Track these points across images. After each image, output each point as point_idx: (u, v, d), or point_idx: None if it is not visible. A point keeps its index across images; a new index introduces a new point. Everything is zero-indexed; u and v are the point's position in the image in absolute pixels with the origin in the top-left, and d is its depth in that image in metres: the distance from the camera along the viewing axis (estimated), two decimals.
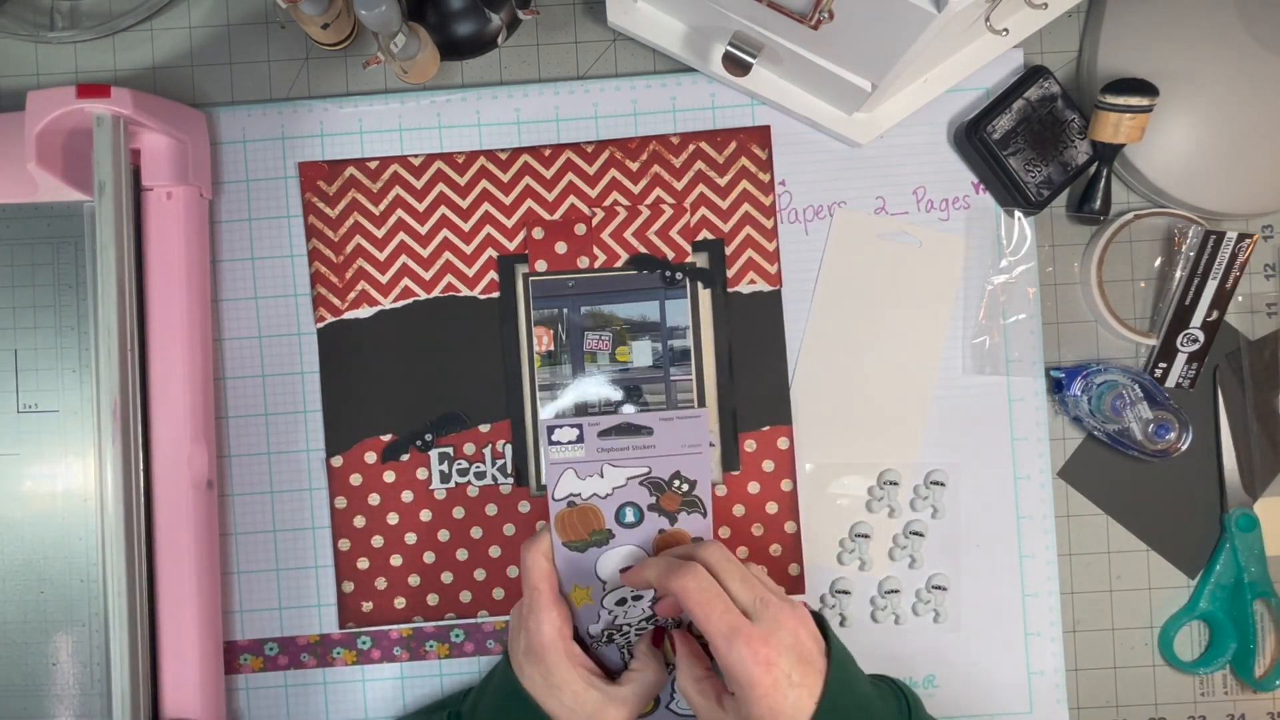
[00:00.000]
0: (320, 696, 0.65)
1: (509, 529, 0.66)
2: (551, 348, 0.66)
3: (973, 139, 0.64)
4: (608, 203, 0.66)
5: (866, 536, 0.65)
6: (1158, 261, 0.66)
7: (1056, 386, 0.65)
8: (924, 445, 0.66)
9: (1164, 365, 0.65)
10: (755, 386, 0.66)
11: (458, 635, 0.66)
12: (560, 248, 0.66)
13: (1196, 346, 0.64)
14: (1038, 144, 0.64)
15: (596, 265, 0.66)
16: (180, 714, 0.60)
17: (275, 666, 0.65)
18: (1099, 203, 0.64)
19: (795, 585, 0.66)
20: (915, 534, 0.65)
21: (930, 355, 0.66)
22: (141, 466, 0.59)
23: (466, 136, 0.66)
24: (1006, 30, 0.55)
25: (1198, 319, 0.64)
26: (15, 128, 0.57)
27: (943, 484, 0.65)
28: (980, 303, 0.66)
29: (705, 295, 0.66)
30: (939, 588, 0.65)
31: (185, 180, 0.62)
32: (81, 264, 0.62)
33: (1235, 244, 0.63)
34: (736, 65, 0.60)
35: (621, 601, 0.59)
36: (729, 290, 0.66)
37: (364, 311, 0.66)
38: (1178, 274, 0.64)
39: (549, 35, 0.67)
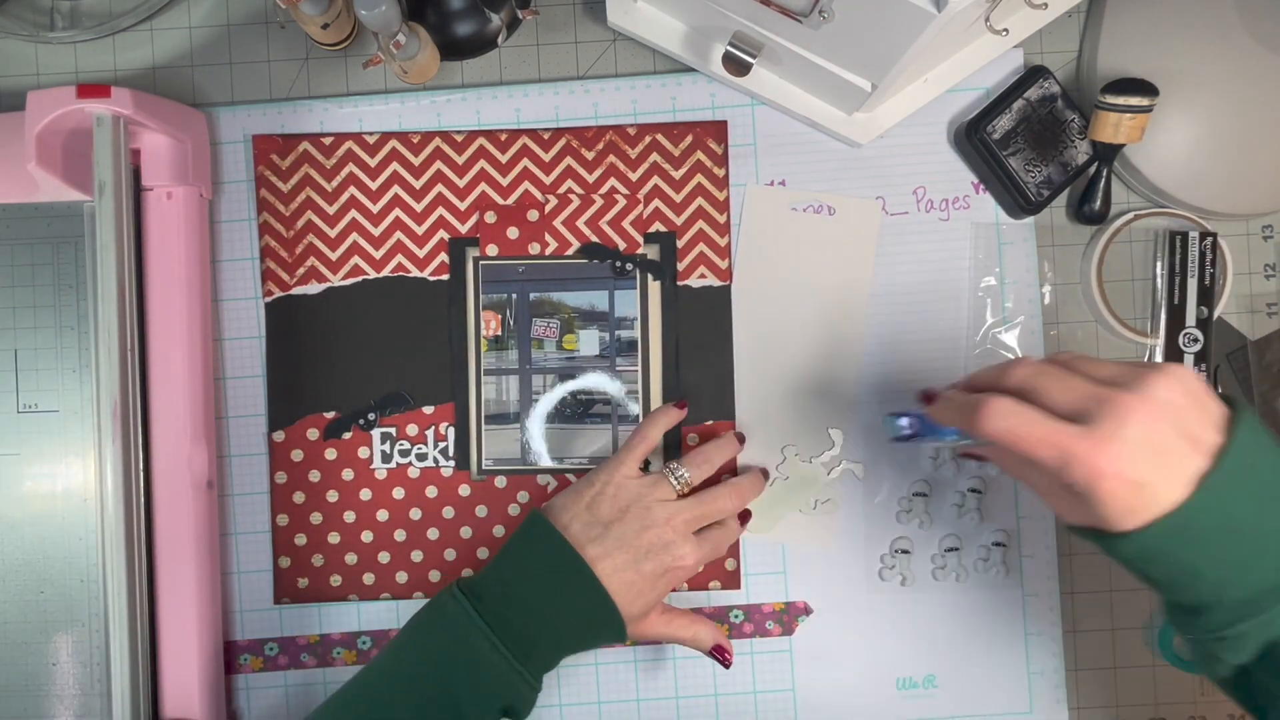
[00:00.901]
0: (320, 696, 0.65)
1: (448, 512, 0.65)
2: (499, 332, 0.65)
3: (973, 139, 0.64)
4: (562, 190, 0.66)
5: (924, 496, 0.65)
6: (1157, 262, 0.66)
7: None
8: (858, 408, 0.66)
9: None
10: (701, 380, 0.66)
11: None
12: (512, 233, 0.66)
13: (1198, 346, 0.65)
14: (1038, 144, 0.64)
15: (548, 252, 0.66)
16: (180, 714, 0.60)
17: (275, 666, 0.65)
18: (1099, 203, 0.64)
19: (730, 580, 0.65)
20: (974, 491, 0.65)
21: (858, 318, 0.66)
22: (141, 466, 0.59)
23: None
24: (1006, 30, 0.55)
25: (1190, 318, 0.64)
26: (15, 128, 0.57)
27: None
28: (981, 302, 0.66)
29: (655, 287, 0.66)
30: (1000, 544, 0.65)
31: (185, 180, 0.62)
32: (81, 264, 0.62)
33: (1200, 243, 0.63)
34: (736, 65, 0.60)
35: None
36: (679, 284, 0.66)
37: (313, 288, 0.66)
38: (1160, 274, 0.65)
39: (549, 35, 0.67)
